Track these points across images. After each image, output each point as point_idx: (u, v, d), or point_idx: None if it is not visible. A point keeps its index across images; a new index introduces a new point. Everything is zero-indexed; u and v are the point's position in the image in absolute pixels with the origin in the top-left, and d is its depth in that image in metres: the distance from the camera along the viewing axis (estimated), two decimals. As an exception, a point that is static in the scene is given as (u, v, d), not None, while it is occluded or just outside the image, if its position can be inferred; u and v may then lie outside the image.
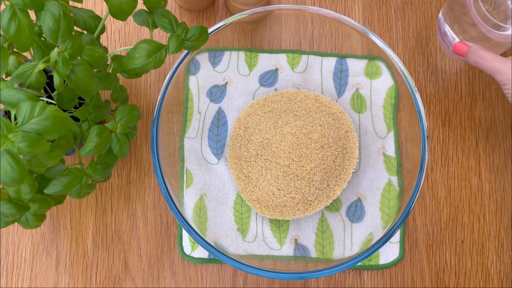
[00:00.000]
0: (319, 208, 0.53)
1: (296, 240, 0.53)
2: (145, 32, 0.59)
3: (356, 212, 0.53)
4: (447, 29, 0.52)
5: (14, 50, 0.42)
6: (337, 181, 0.53)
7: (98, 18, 0.43)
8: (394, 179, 0.52)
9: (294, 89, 0.56)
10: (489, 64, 0.47)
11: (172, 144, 0.52)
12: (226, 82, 0.56)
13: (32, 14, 0.37)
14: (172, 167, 0.51)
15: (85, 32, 0.42)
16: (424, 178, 0.46)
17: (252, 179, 0.53)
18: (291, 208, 0.52)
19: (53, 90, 0.47)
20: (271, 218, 0.53)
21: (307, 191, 0.51)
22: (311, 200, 0.52)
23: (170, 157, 0.51)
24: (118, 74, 0.43)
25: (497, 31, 0.47)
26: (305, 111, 0.55)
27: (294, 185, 0.51)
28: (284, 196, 0.52)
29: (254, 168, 0.53)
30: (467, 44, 0.49)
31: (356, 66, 0.55)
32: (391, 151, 0.53)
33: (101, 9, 0.59)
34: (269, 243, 0.52)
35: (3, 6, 0.56)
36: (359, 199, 0.54)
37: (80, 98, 0.47)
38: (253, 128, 0.54)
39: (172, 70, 0.48)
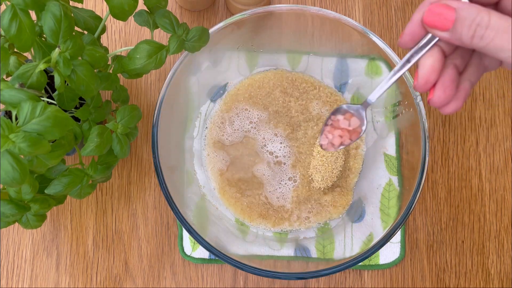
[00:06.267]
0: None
1: (296, 240, 0.53)
2: (145, 33, 0.59)
3: (356, 212, 0.53)
4: None
5: (15, 50, 0.42)
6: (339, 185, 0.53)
7: (98, 19, 0.43)
8: (395, 179, 0.52)
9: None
10: (504, 41, 0.28)
11: (172, 144, 0.52)
12: (226, 82, 0.56)
13: (33, 15, 0.37)
14: (172, 167, 0.51)
15: (85, 32, 0.42)
16: (425, 178, 0.46)
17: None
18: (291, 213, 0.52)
19: (54, 90, 0.47)
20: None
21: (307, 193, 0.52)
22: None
23: (170, 157, 0.51)
24: (118, 74, 0.43)
25: None
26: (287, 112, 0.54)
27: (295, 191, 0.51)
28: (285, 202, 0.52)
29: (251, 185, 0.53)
30: (452, 6, 0.30)
31: (356, 66, 0.55)
32: (391, 150, 0.53)
33: (101, 9, 0.59)
34: (269, 243, 0.52)
35: (4, 7, 0.56)
36: (359, 199, 0.54)
37: (80, 98, 0.47)
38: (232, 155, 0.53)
39: (173, 70, 0.48)
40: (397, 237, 0.54)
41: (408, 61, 0.35)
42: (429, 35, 0.33)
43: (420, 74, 0.33)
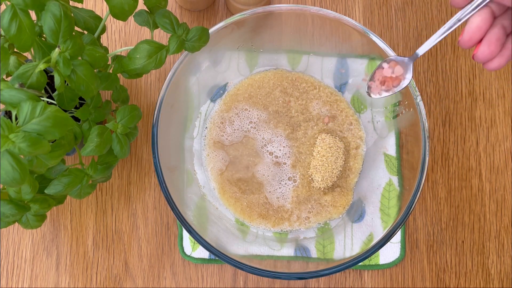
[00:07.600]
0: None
1: (296, 240, 0.53)
2: (145, 32, 0.59)
3: (356, 212, 0.53)
4: None
5: (15, 50, 0.42)
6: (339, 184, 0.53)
7: (98, 18, 0.43)
8: (395, 179, 0.52)
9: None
10: None
11: (172, 144, 0.52)
12: (226, 82, 0.56)
13: (33, 15, 0.37)
14: (172, 167, 0.51)
15: (85, 32, 0.42)
16: (425, 178, 0.46)
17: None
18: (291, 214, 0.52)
19: (53, 90, 0.47)
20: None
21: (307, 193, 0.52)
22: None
23: (170, 157, 0.51)
24: (118, 74, 0.43)
25: None
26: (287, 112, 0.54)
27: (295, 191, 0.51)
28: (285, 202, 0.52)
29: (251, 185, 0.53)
30: None
31: (356, 66, 0.55)
32: (392, 150, 0.53)
33: (101, 9, 0.59)
34: (269, 243, 0.52)
35: (4, 6, 0.56)
36: (359, 199, 0.54)
37: (80, 98, 0.47)
38: (234, 154, 0.53)
39: (173, 70, 0.48)
40: (397, 237, 0.54)
41: (459, 19, 0.37)
42: None
43: (466, 31, 0.36)
